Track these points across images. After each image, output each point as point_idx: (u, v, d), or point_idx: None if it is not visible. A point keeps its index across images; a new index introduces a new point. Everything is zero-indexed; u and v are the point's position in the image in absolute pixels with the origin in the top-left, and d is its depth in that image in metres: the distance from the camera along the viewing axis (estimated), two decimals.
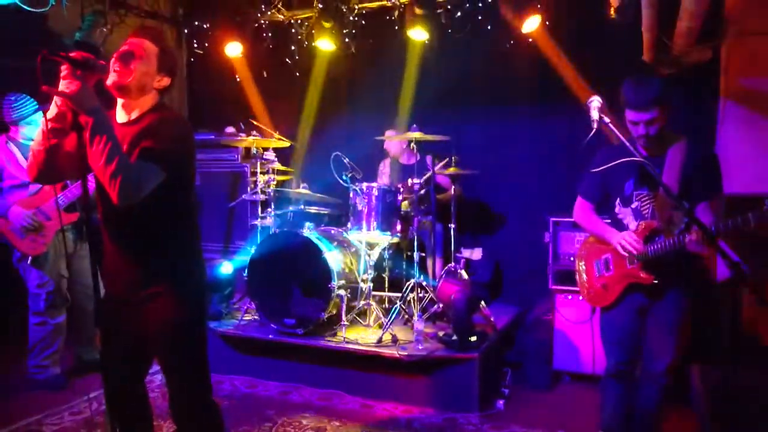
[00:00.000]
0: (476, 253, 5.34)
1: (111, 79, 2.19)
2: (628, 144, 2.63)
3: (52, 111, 2.13)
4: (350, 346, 4.15)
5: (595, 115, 2.63)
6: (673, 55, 4.54)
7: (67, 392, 4.12)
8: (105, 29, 5.12)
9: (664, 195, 2.78)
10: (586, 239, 3.25)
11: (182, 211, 2.38)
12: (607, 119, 2.63)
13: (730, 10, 4.43)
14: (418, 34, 5.00)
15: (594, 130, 2.61)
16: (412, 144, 4.59)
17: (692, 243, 2.63)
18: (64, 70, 2.00)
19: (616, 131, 2.61)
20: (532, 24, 4.88)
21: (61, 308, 4.28)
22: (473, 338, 3.99)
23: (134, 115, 2.28)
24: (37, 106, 4.06)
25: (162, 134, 2.18)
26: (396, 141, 5.25)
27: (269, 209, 5.05)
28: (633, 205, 2.93)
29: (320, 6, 5.26)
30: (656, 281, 2.84)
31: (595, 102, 2.68)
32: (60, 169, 2.25)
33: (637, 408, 3.05)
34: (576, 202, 3.22)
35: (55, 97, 2.10)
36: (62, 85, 2.00)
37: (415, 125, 4.44)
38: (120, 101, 2.30)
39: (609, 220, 3.08)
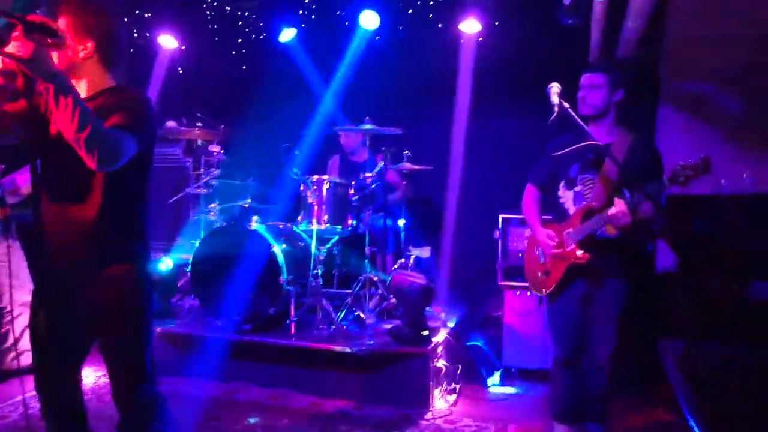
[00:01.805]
0: (425, 252, 5.29)
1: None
2: (584, 126, 2.67)
3: None
4: (300, 342, 4.03)
5: (555, 99, 2.68)
6: (617, 56, 4.69)
7: None
8: (38, 10, 4.82)
9: (605, 179, 2.87)
10: None
11: (142, 192, 2.29)
12: (566, 104, 2.67)
13: (672, 14, 4.62)
14: (369, 21, 4.97)
15: (555, 114, 2.64)
16: (367, 140, 4.52)
17: (614, 217, 2.69)
18: (15, 32, 1.84)
19: (573, 115, 2.66)
20: (470, 26, 4.95)
21: None
22: (425, 332, 3.94)
23: (88, 92, 2.18)
24: None
25: (131, 110, 2.11)
26: (352, 136, 5.19)
27: (213, 204, 4.87)
28: (576, 189, 3.01)
29: None
30: (593, 262, 2.89)
31: (555, 88, 2.73)
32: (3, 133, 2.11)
33: (587, 395, 3.09)
34: (525, 188, 3.28)
35: None
36: (12, 47, 1.83)
37: (368, 118, 4.39)
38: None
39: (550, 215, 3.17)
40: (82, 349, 2.34)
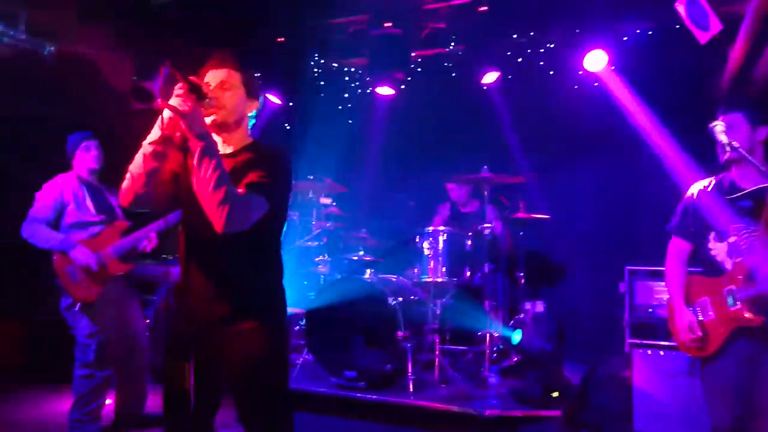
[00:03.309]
0: (538, 306, 5.03)
1: (209, 118, 2.13)
2: (760, 167, 2.42)
3: (155, 134, 2.08)
4: (419, 401, 3.82)
5: (723, 138, 2.45)
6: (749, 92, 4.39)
7: None
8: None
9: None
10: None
11: (275, 246, 2.30)
12: (736, 143, 2.44)
13: None
14: (489, 78, 4.96)
15: (727, 154, 2.42)
16: (486, 190, 4.38)
17: None
18: (179, 89, 1.96)
19: (745, 153, 2.42)
20: (596, 64, 4.78)
21: (110, 361, 4.01)
22: (555, 394, 3.66)
23: (231, 149, 2.24)
24: (77, 138, 3.98)
25: (268, 167, 2.15)
26: (460, 190, 5.12)
27: (322, 257, 4.84)
28: (730, 240, 2.69)
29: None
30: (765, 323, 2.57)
31: (719, 126, 2.51)
32: (156, 195, 2.17)
33: None
34: (670, 242, 2.99)
35: (159, 120, 2.06)
36: (176, 102, 1.95)
37: (486, 167, 4.27)
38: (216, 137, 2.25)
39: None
40: (215, 406, 2.28)
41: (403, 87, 5.39)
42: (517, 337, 3.99)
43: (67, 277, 3.85)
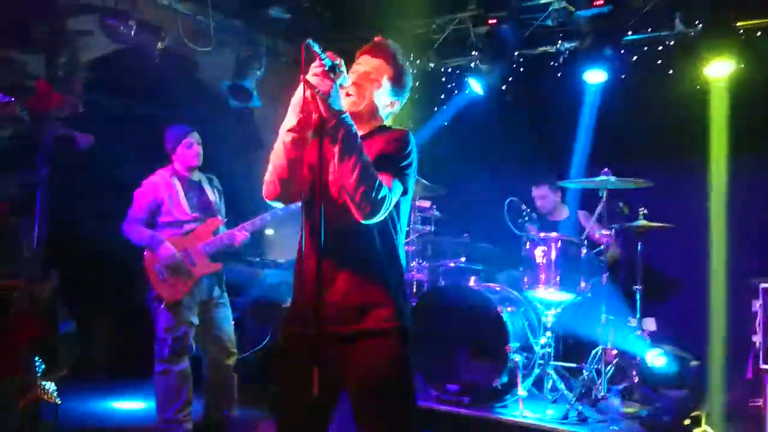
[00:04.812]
0: (649, 324, 4.64)
1: (345, 103, 1.97)
2: None
3: (291, 120, 1.93)
4: (529, 421, 3.56)
5: None
6: None
7: None
8: (259, 72, 5.08)
9: None
10: None
11: (402, 235, 2.11)
12: None
13: None
14: (595, 77, 4.65)
15: None
16: (602, 197, 4.08)
17: None
18: (317, 67, 1.82)
19: None
20: (720, 70, 4.40)
21: (183, 356, 3.91)
22: (687, 421, 3.32)
23: (362, 132, 2.05)
24: (178, 133, 3.91)
25: (402, 152, 2.00)
26: (549, 197, 4.84)
27: (415, 262, 4.63)
28: None
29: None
30: None
31: None
32: (298, 187, 2.01)
33: None
34: None
35: (293, 107, 1.92)
36: (314, 81, 1.81)
37: (606, 169, 3.96)
38: None
39: None
40: (331, 416, 2.09)
41: (504, 87, 5.15)
42: (656, 357, 3.62)
43: (155, 274, 3.81)
